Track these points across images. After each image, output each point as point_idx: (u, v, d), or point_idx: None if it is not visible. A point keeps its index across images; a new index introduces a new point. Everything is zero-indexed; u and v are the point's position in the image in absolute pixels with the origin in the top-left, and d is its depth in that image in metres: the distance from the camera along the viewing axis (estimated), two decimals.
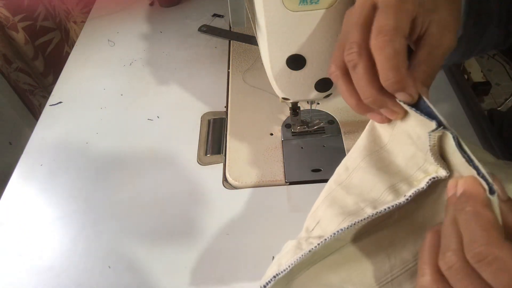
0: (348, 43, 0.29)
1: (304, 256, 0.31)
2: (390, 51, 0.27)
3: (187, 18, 0.81)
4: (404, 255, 0.30)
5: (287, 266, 0.32)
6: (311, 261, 0.34)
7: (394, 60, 0.27)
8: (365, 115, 0.33)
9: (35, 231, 0.50)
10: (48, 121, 0.64)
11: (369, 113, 0.32)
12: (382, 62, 0.28)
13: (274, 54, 0.39)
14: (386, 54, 0.27)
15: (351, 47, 0.29)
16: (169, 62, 0.72)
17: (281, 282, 0.33)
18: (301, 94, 0.44)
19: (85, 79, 0.71)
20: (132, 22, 0.83)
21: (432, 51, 0.30)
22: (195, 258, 0.44)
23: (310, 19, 0.36)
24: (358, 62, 0.29)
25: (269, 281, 0.32)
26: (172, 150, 0.56)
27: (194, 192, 0.51)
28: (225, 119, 0.60)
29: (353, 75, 0.30)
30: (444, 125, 0.26)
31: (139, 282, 0.43)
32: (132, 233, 0.48)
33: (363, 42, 0.29)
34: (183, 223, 0.48)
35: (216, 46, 0.74)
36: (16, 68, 0.89)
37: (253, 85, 0.63)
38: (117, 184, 0.53)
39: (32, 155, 0.59)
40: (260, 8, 0.36)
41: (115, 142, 0.59)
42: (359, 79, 0.29)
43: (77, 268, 0.45)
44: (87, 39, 0.80)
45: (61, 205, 0.52)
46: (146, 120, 0.61)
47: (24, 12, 0.86)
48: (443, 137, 0.27)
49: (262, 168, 0.52)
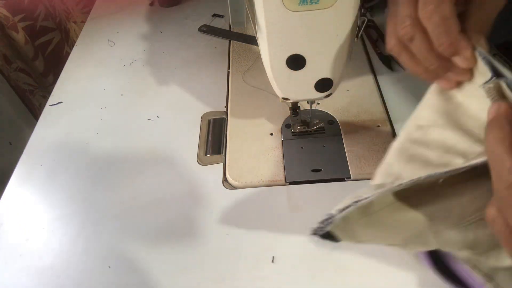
0: (400, 17, 0.31)
1: (391, 188, 0.31)
2: (437, 19, 0.29)
3: (187, 18, 0.81)
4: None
5: (369, 195, 0.31)
6: (393, 200, 0.33)
7: (443, 26, 0.29)
8: (436, 82, 0.34)
9: (35, 231, 0.50)
10: (48, 121, 0.64)
11: (439, 80, 0.33)
12: (433, 30, 0.30)
13: (274, 54, 0.39)
14: (434, 22, 0.29)
15: (404, 21, 0.31)
16: (169, 62, 0.72)
17: (359, 213, 0.33)
18: (301, 94, 0.44)
19: (85, 79, 0.71)
20: (132, 22, 0.83)
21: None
22: (195, 258, 0.44)
23: (310, 19, 0.36)
24: (413, 34, 0.31)
25: (348, 205, 0.32)
26: (172, 150, 0.56)
27: (194, 192, 0.51)
28: (225, 119, 0.60)
29: (412, 47, 0.32)
30: (498, 74, 0.26)
31: (139, 282, 0.43)
32: (132, 233, 0.48)
33: (414, 14, 0.30)
34: (183, 223, 0.48)
35: (216, 46, 0.74)
36: (16, 68, 0.89)
37: (253, 85, 0.63)
38: (117, 184, 0.53)
39: (32, 155, 0.59)
40: (260, 8, 0.36)
41: (115, 142, 0.59)
42: (419, 50, 0.31)
43: (77, 268, 0.45)
44: (87, 39, 0.80)
45: (61, 205, 0.52)
46: (146, 120, 0.61)
47: (24, 12, 0.86)
48: (500, 88, 0.27)
49: (262, 168, 0.52)
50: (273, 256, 0.44)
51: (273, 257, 0.44)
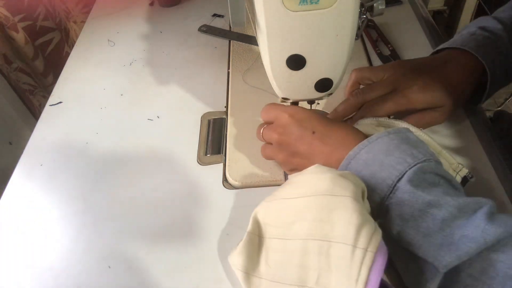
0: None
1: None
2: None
3: (187, 18, 0.82)
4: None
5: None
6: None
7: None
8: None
9: (35, 231, 0.50)
10: (48, 121, 0.64)
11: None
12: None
13: (274, 54, 0.39)
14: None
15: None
16: (169, 62, 0.72)
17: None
18: (301, 94, 0.44)
19: (85, 79, 0.71)
20: (132, 22, 0.83)
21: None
22: (195, 258, 0.44)
23: (310, 19, 0.36)
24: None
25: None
26: (172, 150, 0.56)
27: (194, 192, 0.51)
28: (225, 119, 0.60)
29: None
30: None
31: (139, 282, 0.43)
32: (132, 233, 0.48)
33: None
34: (183, 223, 0.48)
35: (216, 46, 0.74)
36: (16, 68, 0.89)
37: (253, 85, 0.63)
38: (117, 184, 0.53)
39: (32, 155, 0.59)
40: (260, 8, 0.36)
41: (115, 142, 0.59)
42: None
43: (77, 268, 0.45)
44: (87, 39, 0.80)
45: (61, 205, 0.52)
46: (146, 120, 0.61)
47: (24, 12, 0.86)
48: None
49: (262, 168, 0.52)
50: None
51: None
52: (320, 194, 0.36)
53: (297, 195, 0.38)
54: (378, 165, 0.36)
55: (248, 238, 0.40)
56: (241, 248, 0.40)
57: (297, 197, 0.38)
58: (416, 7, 0.76)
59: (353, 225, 0.32)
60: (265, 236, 0.40)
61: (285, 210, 0.38)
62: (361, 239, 0.32)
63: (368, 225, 0.32)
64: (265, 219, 0.40)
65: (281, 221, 0.38)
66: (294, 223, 0.37)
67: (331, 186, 0.35)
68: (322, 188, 0.36)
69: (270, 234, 0.39)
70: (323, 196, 0.35)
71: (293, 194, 0.38)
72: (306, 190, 0.37)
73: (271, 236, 0.39)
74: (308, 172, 0.39)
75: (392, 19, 0.73)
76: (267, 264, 0.38)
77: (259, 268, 0.39)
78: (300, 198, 0.37)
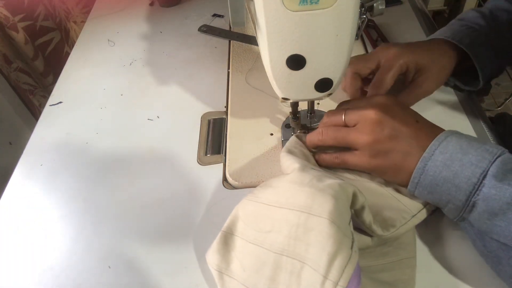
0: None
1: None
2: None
3: (187, 18, 0.82)
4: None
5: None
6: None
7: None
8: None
9: (35, 231, 0.50)
10: (48, 121, 0.64)
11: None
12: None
13: (274, 54, 0.39)
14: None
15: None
16: (169, 62, 0.72)
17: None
18: (301, 94, 0.44)
19: (85, 79, 0.71)
20: (132, 22, 0.83)
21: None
22: (195, 258, 0.44)
23: (310, 19, 0.36)
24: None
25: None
26: (172, 150, 0.56)
27: (194, 192, 0.51)
28: (225, 119, 0.60)
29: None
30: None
31: (139, 282, 0.43)
32: (132, 233, 0.48)
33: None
34: (183, 223, 0.48)
35: (216, 46, 0.74)
36: (16, 68, 0.89)
37: (256, 87, 0.63)
38: (117, 184, 0.53)
39: (32, 155, 0.59)
40: (260, 8, 0.36)
41: (115, 142, 0.59)
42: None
43: (77, 268, 0.45)
44: (87, 39, 0.80)
45: (61, 205, 0.52)
46: (146, 120, 0.61)
47: (24, 12, 0.86)
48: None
49: (262, 168, 0.52)
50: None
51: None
52: (297, 209, 0.36)
53: (275, 203, 0.38)
54: (458, 165, 0.37)
55: (223, 236, 0.41)
56: (215, 246, 0.41)
57: (275, 205, 0.38)
58: (416, 7, 0.76)
59: (326, 253, 0.33)
60: (242, 237, 0.40)
61: (263, 217, 0.39)
62: (333, 271, 0.32)
63: (342, 254, 0.33)
64: (244, 219, 0.41)
65: (258, 227, 0.39)
66: (270, 232, 0.37)
67: (310, 203, 0.36)
68: (300, 203, 0.36)
69: (248, 236, 0.40)
70: (301, 212, 0.36)
71: (272, 201, 0.39)
72: (284, 201, 0.38)
73: (248, 239, 0.39)
74: (287, 180, 0.40)
75: (392, 19, 0.73)
76: (242, 267, 0.39)
77: (231, 267, 0.40)
78: (278, 208, 0.38)
